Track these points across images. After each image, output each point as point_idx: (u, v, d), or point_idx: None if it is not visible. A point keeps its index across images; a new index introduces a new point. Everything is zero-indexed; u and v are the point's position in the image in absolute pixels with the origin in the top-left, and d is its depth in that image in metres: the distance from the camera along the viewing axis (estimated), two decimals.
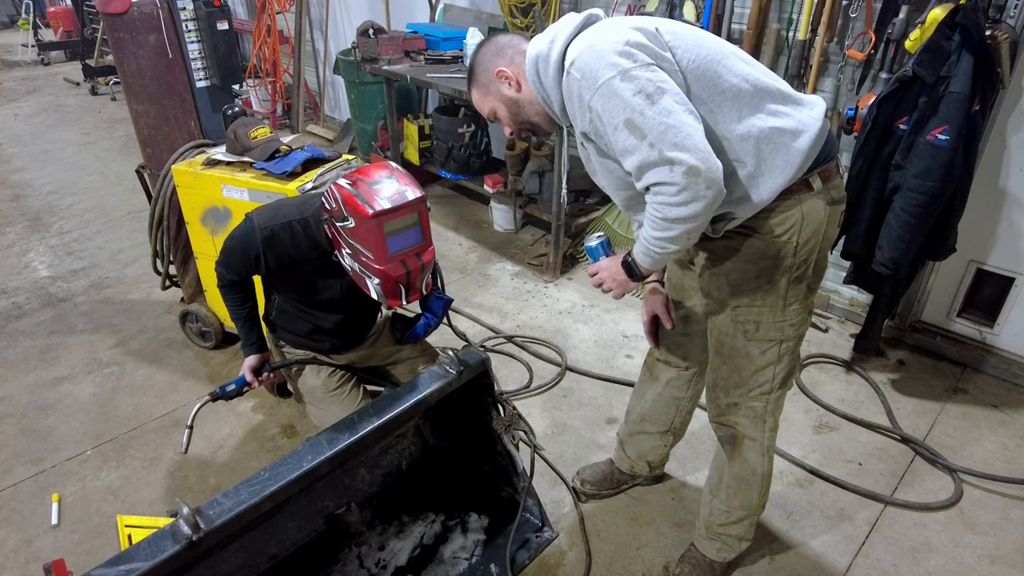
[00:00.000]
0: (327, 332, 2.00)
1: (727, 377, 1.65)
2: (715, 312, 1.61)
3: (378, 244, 1.60)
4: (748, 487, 1.77)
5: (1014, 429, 2.50)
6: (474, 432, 1.99)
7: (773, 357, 1.57)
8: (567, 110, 1.42)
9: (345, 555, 1.93)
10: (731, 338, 1.59)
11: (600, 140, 1.39)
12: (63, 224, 4.25)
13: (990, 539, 2.08)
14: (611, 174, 1.49)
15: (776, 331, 1.54)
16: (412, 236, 1.66)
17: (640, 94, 1.25)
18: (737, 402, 1.66)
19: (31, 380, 2.84)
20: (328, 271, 1.83)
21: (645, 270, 1.49)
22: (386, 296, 1.69)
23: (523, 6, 3.60)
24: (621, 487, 2.24)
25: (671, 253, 1.40)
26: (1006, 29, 2.19)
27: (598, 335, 3.07)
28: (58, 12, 8.82)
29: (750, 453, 1.72)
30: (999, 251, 2.67)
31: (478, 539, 2.02)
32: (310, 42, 5.83)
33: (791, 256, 1.45)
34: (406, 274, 1.66)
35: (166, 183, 2.62)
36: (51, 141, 5.79)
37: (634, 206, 1.54)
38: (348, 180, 1.64)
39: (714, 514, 1.86)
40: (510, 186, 3.83)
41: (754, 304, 1.52)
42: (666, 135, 1.24)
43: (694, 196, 1.26)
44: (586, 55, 1.31)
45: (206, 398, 1.86)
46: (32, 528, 2.16)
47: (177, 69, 2.76)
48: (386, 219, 1.59)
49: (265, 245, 1.75)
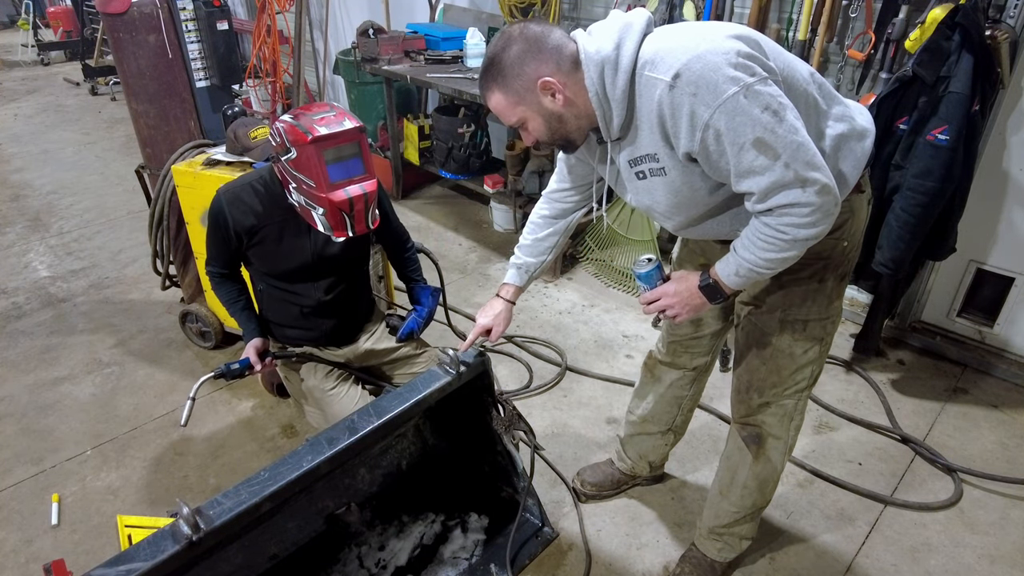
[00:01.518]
0: (314, 312, 1.99)
1: (764, 378, 1.61)
2: (759, 313, 1.57)
3: (319, 171, 1.67)
4: (765, 486, 1.76)
5: (1014, 429, 2.50)
6: (474, 432, 1.99)
7: (814, 355, 1.57)
8: (664, 127, 1.24)
9: (345, 555, 1.93)
10: (776, 338, 1.56)
11: (709, 160, 1.23)
12: (63, 224, 4.25)
13: (990, 539, 2.08)
14: (678, 194, 1.35)
15: (820, 329, 1.53)
16: (354, 166, 1.73)
17: (767, 111, 1.15)
18: (770, 401, 1.64)
19: (31, 380, 2.84)
20: (295, 230, 1.87)
21: (732, 291, 1.40)
22: (332, 227, 1.75)
23: (523, 6, 3.60)
24: (621, 487, 2.24)
25: (771, 274, 1.34)
26: (1006, 29, 2.19)
27: (598, 335, 3.07)
28: (58, 12, 8.83)
29: (774, 452, 1.70)
30: (999, 251, 2.67)
31: (478, 539, 2.02)
32: (310, 42, 5.83)
33: (841, 255, 1.45)
34: (348, 202, 1.71)
35: (166, 183, 2.62)
36: (51, 141, 5.79)
37: (693, 226, 1.46)
38: (290, 115, 1.72)
39: (720, 516, 1.84)
40: (510, 186, 3.83)
41: (804, 304, 1.50)
42: (798, 154, 1.17)
43: (824, 215, 1.22)
44: (696, 67, 1.15)
45: (210, 374, 1.88)
46: (32, 528, 2.16)
47: (177, 69, 2.76)
48: (324, 145, 1.66)
49: (230, 207, 1.82)
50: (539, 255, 1.77)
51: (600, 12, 3.64)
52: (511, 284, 1.79)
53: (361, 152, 1.76)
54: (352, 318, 2.11)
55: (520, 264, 1.78)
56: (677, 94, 1.18)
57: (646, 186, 1.39)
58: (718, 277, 1.39)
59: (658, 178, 1.35)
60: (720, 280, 1.39)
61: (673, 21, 2.96)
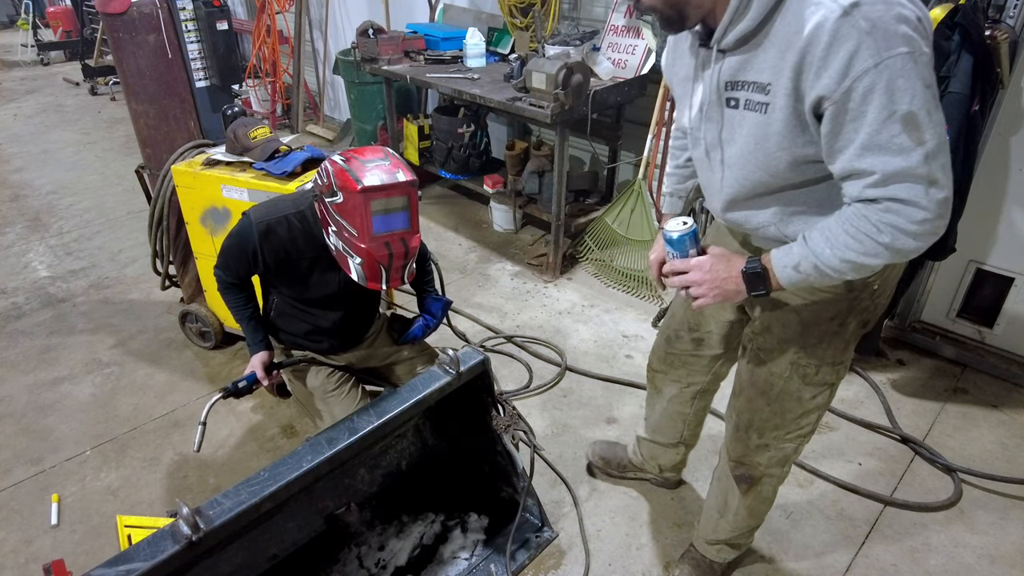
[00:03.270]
0: (326, 332, 2.00)
1: (767, 419, 1.52)
2: (770, 351, 1.45)
3: (363, 221, 1.59)
4: (758, 512, 1.74)
5: (1013, 429, 2.50)
6: (474, 432, 1.99)
7: (822, 401, 1.47)
8: (805, 57, 1.04)
9: (345, 555, 1.93)
10: (785, 380, 1.45)
11: (836, 119, 1.05)
12: (63, 224, 4.25)
13: (990, 539, 2.08)
14: (760, 148, 1.17)
15: (832, 374, 1.44)
16: (399, 220, 1.64)
17: (930, 89, 1.00)
18: (769, 444, 1.56)
19: (31, 380, 2.84)
20: (325, 265, 1.83)
21: (778, 286, 1.22)
22: (367, 278, 1.68)
23: (523, 6, 3.60)
24: (626, 474, 2.24)
25: (832, 281, 1.19)
26: (1006, 29, 2.19)
27: (598, 335, 3.07)
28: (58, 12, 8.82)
29: (766, 488, 1.66)
30: (999, 251, 2.67)
31: (478, 539, 2.02)
32: (310, 42, 5.83)
33: (869, 299, 1.34)
34: (388, 256, 1.64)
35: (166, 183, 2.62)
36: (51, 141, 5.79)
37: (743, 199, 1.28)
38: (342, 156, 1.65)
39: (718, 531, 1.82)
40: (510, 186, 3.83)
41: (820, 346, 1.39)
42: (942, 150, 1.03)
43: (931, 233, 1.08)
44: (878, 7, 0.98)
45: (218, 395, 1.85)
46: (32, 528, 2.16)
47: (177, 69, 2.76)
48: (374, 196, 1.57)
49: (262, 239, 1.75)
50: (686, 179, 1.69)
51: (600, 12, 3.64)
52: (669, 214, 1.71)
53: (410, 207, 1.66)
54: (359, 332, 2.11)
55: (672, 192, 1.72)
56: (847, 25, 0.99)
57: (731, 119, 1.20)
58: (770, 266, 1.21)
59: (753, 114, 1.16)
60: (772, 270, 1.21)
61: None
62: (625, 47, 3.34)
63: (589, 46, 3.37)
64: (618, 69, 3.32)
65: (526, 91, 3.07)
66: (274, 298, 2.00)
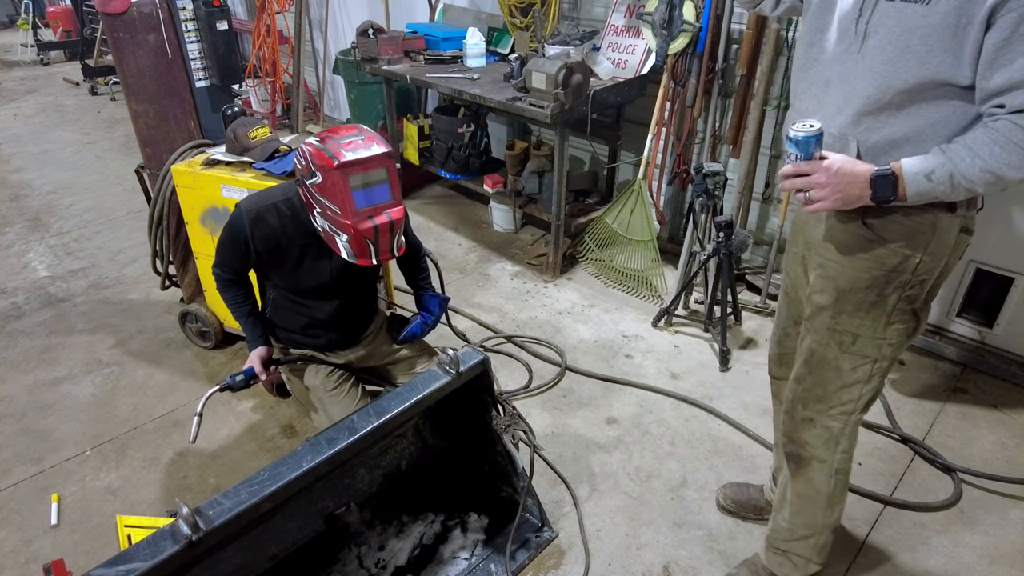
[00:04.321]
0: (322, 325, 1.99)
1: (809, 389, 1.53)
2: (813, 315, 1.48)
3: (344, 197, 1.62)
4: (812, 506, 1.67)
5: (1013, 429, 2.50)
6: (474, 432, 1.99)
7: (863, 375, 1.46)
8: None
9: (345, 555, 1.93)
10: (823, 347, 1.47)
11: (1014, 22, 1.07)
12: (62, 224, 4.25)
13: (990, 539, 2.08)
14: (910, 47, 1.17)
15: (873, 348, 1.43)
16: (380, 193, 1.67)
17: None
18: (813, 418, 1.55)
19: (31, 380, 2.84)
20: (316, 252, 1.85)
21: (904, 196, 1.22)
22: (356, 254, 1.70)
23: (523, 6, 3.60)
24: (763, 516, 2.10)
25: (970, 194, 1.21)
26: None
27: (598, 335, 3.07)
28: (57, 12, 8.82)
29: (816, 474, 1.62)
30: (999, 251, 2.67)
31: (478, 539, 2.02)
32: (310, 42, 5.83)
33: (909, 272, 1.34)
34: (374, 229, 1.66)
35: (166, 183, 2.62)
36: (50, 141, 5.79)
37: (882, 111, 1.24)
38: (317, 137, 1.68)
39: (776, 530, 1.78)
40: (510, 186, 3.83)
41: (856, 314, 1.40)
42: None
43: None
44: None
45: (216, 388, 1.86)
46: (32, 528, 2.16)
47: (176, 69, 2.76)
48: (351, 171, 1.60)
49: (252, 227, 1.78)
50: None
51: (600, 12, 3.64)
52: None
53: (389, 179, 1.69)
54: (357, 327, 2.11)
55: None
56: None
57: (884, 10, 1.20)
58: (901, 173, 1.21)
59: (913, 6, 1.15)
60: (902, 176, 1.21)
61: (673, 21, 2.95)
62: (625, 47, 3.34)
63: (589, 46, 3.37)
64: (618, 69, 3.32)
65: (526, 91, 3.07)
66: (271, 293, 2.00)
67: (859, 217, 1.35)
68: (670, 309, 3.09)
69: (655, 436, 2.48)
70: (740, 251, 2.83)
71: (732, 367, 2.84)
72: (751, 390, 2.69)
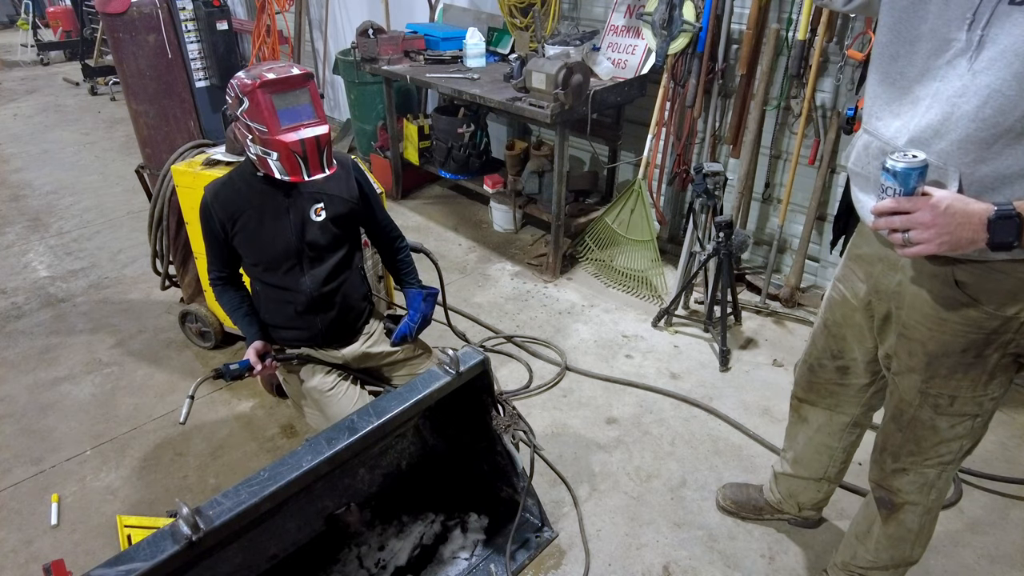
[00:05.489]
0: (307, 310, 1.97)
1: (900, 445, 1.41)
2: (900, 374, 1.35)
3: (270, 115, 1.71)
4: (902, 544, 1.59)
5: (1014, 429, 2.50)
6: (474, 432, 1.99)
7: (963, 431, 1.35)
8: None
9: (345, 555, 1.93)
10: (915, 408, 1.34)
11: None
12: (62, 224, 4.25)
13: (990, 539, 2.08)
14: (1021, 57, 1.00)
15: (974, 406, 1.31)
16: (304, 112, 1.78)
17: None
18: (907, 468, 1.44)
19: (31, 380, 2.84)
20: (273, 210, 1.89)
21: None
22: (287, 171, 1.77)
23: (523, 6, 3.60)
24: (763, 516, 2.10)
25: None
26: None
27: (598, 335, 3.07)
28: (57, 12, 8.82)
29: (908, 516, 1.52)
30: None
31: (478, 539, 2.02)
32: (310, 42, 5.83)
33: (1012, 332, 1.19)
34: (300, 143, 1.74)
35: (166, 183, 2.62)
36: (50, 141, 5.79)
37: (1000, 140, 1.05)
38: (244, 71, 1.78)
39: (856, 559, 1.70)
40: (510, 186, 3.83)
41: (952, 378, 1.26)
42: None
43: None
44: None
45: (210, 373, 1.88)
46: (32, 528, 2.16)
47: (176, 69, 2.76)
48: (273, 89, 1.70)
49: (213, 200, 1.88)
50: None
51: (600, 12, 3.64)
52: None
53: (311, 99, 1.80)
54: (347, 316, 2.08)
55: None
56: None
57: (1008, 16, 1.00)
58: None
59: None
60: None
61: (673, 21, 2.95)
62: (625, 47, 3.34)
63: (589, 46, 3.37)
64: (618, 69, 3.33)
65: (526, 91, 3.07)
66: (256, 287, 2.02)
67: (950, 272, 1.17)
68: (670, 309, 3.09)
69: (655, 436, 2.48)
70: (740, 251, 2.83)
71: (732, 367, 2.84)
72: (751, 390, 2.70)
